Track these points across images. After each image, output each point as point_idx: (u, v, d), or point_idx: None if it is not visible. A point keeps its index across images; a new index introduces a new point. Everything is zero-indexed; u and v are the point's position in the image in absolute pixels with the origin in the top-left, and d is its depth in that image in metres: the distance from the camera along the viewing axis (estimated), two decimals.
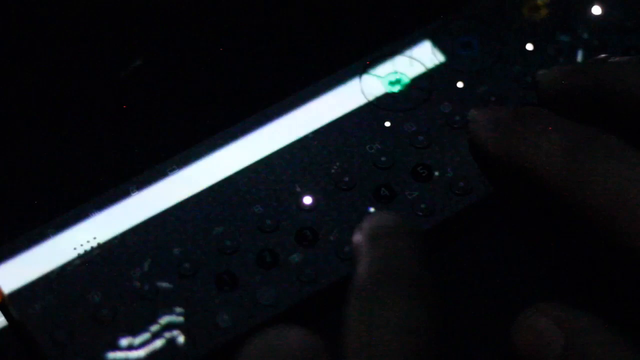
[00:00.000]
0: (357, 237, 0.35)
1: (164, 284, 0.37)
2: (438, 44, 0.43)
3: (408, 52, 0.43)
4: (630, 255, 0.33)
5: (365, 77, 0.42)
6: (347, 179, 0.40)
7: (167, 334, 0.36)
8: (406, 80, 0.42)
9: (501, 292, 0.40)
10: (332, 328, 0.33)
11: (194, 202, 0.39)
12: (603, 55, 0.39)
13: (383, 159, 0.40)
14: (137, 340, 0.36)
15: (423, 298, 0.32)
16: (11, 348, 0.38)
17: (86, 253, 0.38)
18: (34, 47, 0.46)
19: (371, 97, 0.42)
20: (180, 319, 0.37)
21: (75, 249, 0.38)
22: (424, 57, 0.43)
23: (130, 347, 0.36)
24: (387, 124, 0.41)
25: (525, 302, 0.39)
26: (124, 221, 0.39)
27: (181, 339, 0.36)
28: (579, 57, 0.43)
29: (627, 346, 0.31)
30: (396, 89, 0.42)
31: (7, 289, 0.37)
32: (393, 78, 0.42)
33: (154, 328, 0.37)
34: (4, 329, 0.38)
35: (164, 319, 0.37)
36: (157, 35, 0.47)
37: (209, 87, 0.45)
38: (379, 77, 0.42)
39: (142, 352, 0.36)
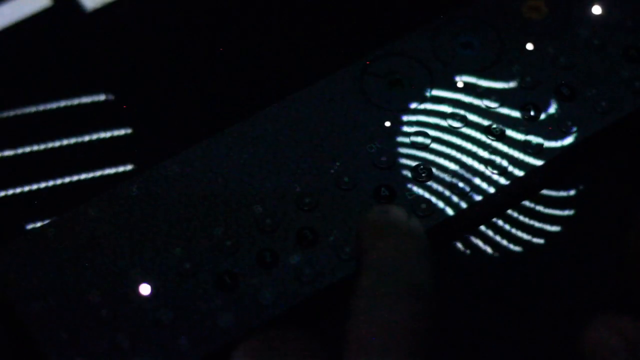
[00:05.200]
0: (362, 229, 0.35)
1: (166, 284, 0.37)
2: (438, 44, 0.43)
3: (408, 52, 0.43)
4: None
5: (365, 77, 0.42)
6: (347, 179, 0.40)
7: (168, 334, 0.36)
8: (406, 80, 0.42)
9: (501, 292, 0.40)
10: (332, 328, 0.33)
11: (194, 202, 0.39)
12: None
13: (383, 159, 0.40)
14: (137, 340, 0.36)
15: (423, 301, 0.32)
16: (11, 348, 0.38)
17: (86, 253, 0.38)
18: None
19: (371, 97, 0.42)
20: (180, 319, 0.37)
21: (75, 248, 0.38)
22: (424, 57, 0.43)
23: (130, 348, 0.36)
24: (387, 124, 0.41)
25: (525, 301, 0.39)
26: (124, 221, 0.39)
27: (181, 339, 0.36)
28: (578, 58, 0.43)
29: None
30: (396, 89, 0.42)
31: (8, 288, 0.37)
32: (393, 78, 0.42)
33: (154, 328, 0.36)
34: (4, 328, 0.38)
35: (164, 319, 0.37)
36: (157, 36, 0.47)
37: (209, 87, 0.45)
38: (379, 77, 0.42)
39: (142, 353, 0.36)
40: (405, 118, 0.41)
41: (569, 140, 0.41)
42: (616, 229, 0.40)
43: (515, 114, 0.41)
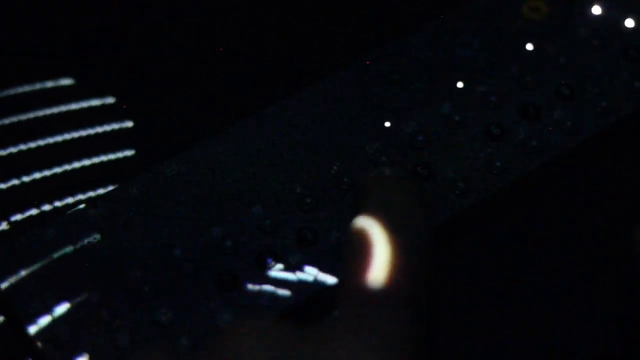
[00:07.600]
0: (363, 179, 0.35)
1: (164, 285, 0.37)
2: (438, 44, 0.43)
3: (408, 52, 0.43)
4: None
5: (365, 77, 0.42)
6: (347, 179, 0.40)
7: (168, 334, 0.36)
8: (406, 80, 0.42)
9: (501, 291, 0.40)
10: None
11: (194, 202, 0.39)
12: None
13: (383, 159, 0.40)
14: (137, 340, 0.36)
15: (422, 242, 0.32)
16: (11, 348, 0.38)
17: (87, 253, 0.38)
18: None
19: (371, 97, 0.42)
20: (180, 319, 0.37)
21: (75, 249, 0.38)
22: (424, 57, 0.43)
23: (130, 348, 0.36)
24: (387, 124, 0.41)
25: (524, 301, 0.39)
26: (125, 221, 0.39)
27: (181, 339, 0.36)
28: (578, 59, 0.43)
29: None
30: (397, 88, 0.42)
31: (8, 288, 0.37)
32: (394, 78, 0.42)
33: (154, 328, 0.37)
34: (4, 328, 0.38)
35: (164, 319, 0.37)
36: (157, 37, 0.47)
37: (209, 87, 0.45)
38: (379, 76, 0.42)
39: (141, 352, 0.36)
40: (405, 118, 0.41)
41: (568, 140, 0.41)
42: (617, 229, 0.40)
43: (515, 114, 0.41)
